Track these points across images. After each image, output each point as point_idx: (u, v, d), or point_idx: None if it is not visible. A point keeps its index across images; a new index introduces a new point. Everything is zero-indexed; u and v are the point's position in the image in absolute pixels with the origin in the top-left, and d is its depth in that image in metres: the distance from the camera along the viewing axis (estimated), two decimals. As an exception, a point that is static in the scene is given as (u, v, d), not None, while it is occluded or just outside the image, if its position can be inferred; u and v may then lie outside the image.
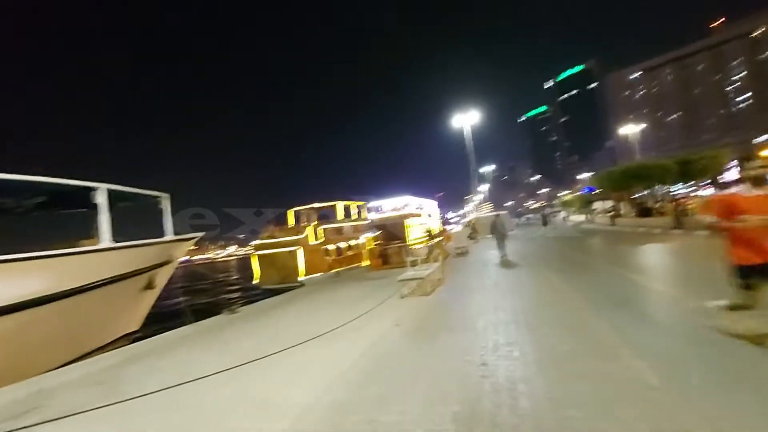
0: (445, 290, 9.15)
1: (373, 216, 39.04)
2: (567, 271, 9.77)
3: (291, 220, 21.96)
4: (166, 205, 12.24)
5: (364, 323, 6.59)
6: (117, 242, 10.81)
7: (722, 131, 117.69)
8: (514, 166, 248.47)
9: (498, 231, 14.71)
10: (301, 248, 17.26)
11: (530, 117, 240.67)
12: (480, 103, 37.55)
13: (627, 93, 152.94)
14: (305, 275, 17.17)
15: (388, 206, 39.71)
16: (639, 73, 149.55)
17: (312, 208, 22.39)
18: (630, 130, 49.04)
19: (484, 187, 78.69)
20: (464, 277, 11.05)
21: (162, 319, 12.72)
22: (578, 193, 79.24)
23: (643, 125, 53.18)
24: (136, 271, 10.86)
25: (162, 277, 12.75)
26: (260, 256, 17.92)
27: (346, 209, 23.20)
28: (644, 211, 19.83)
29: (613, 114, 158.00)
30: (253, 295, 17.83)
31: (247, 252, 17.71)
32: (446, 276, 11.31)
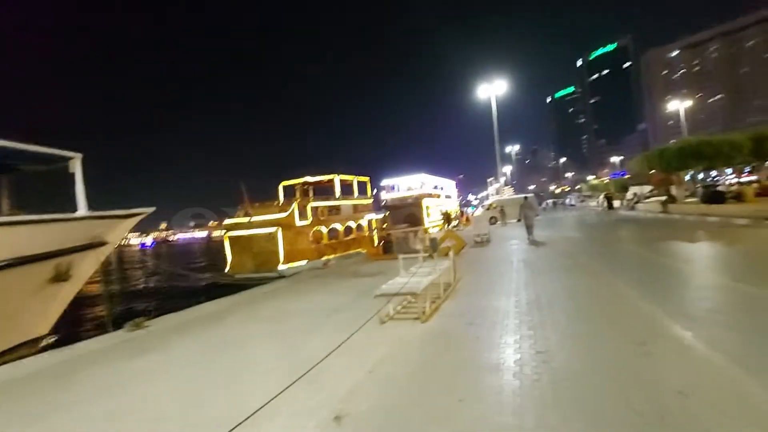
0: (455, 312, 5.72)
1: (385, 195, 35.77)
2: (649, 282, 6.18)
3: (285, 196, 18.75)
4: (77, 169, 9.06)
5: (285, 403, 3.24)
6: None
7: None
8: (537, 149, 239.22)
9: (526, 214, 14.82)
10: (282, 230, 14.04)
11: (557, 98, 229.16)
12: (505, 80, 33.50)
13: (665, 72, 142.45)
14: (287, 263, 14.02)
15: (403, 185, 36.31)
16: (679, 50, 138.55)
17: (305, 182, 19.08)
18: (676, 107, 43.50)
19: (508, 169, 73.76)
20: (485, 284, 7.58)
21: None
22: (608, 178, 73.73)
23: (690, 102, 47.33)
24: (24, 258, 7.83)
25: (84, 265, 9.73)
26: (232, 239, 14.81)
27: (346, 185, 19.75)
28: (714, 197, 15.77)
29: (648, 95, 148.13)
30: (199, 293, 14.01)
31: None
32: (458, 280, 7.88)
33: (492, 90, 34.75)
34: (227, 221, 15.03)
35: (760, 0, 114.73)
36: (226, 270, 14.91)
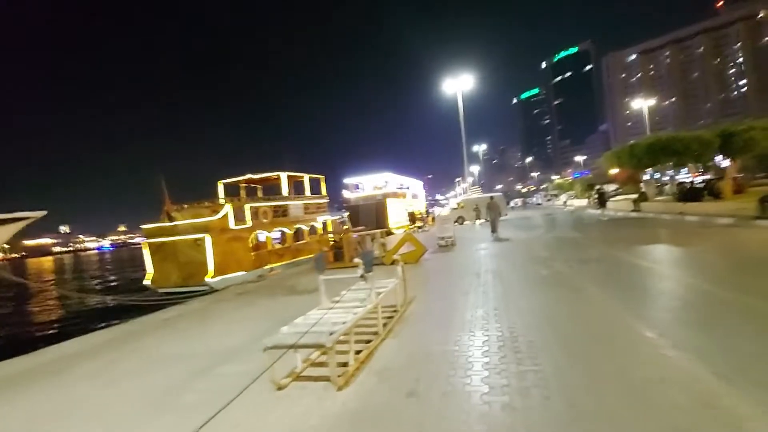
0: (394, 363, 3.87)
1: (349, 195, 33.72)
2: (653, 304, 4.60)
3: (227, 196, 16.39)
4: None
5: None
6: None
7: (718, 117, 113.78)
8: (504, 149, 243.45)
9: (492, 214, 15.61)
10: (213, 235, 11.82)
11: (523, 99, 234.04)
12: (472, 75, 32.14)
13: (623, 75, 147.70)
14: (220, 274, 11.83)
15: (367, 184, 34.36)
16: (636, 54, 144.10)
17: (249, 179, 16.82)
18: (639, 106, 44.19)
19: (476, 168, 73.42)
20: (443, 309, 5.78)
21: None
22: (572, 177, 74.77)
23: (653, 102, 48.14)
24: None
25: None
26: (154, 247, 12.42)
27: (297, 184, 17.65)
28: (690, 194, 14.83)
29: (608, 97, 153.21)
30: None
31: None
32: (410, 302, 6.06)
33: (458, 85, 33.53)
34: (147, 226, 12.60)
35: (708, 10, 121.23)
36: (147, 283, 12.52)
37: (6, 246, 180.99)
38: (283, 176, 16.05)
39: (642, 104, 42.59)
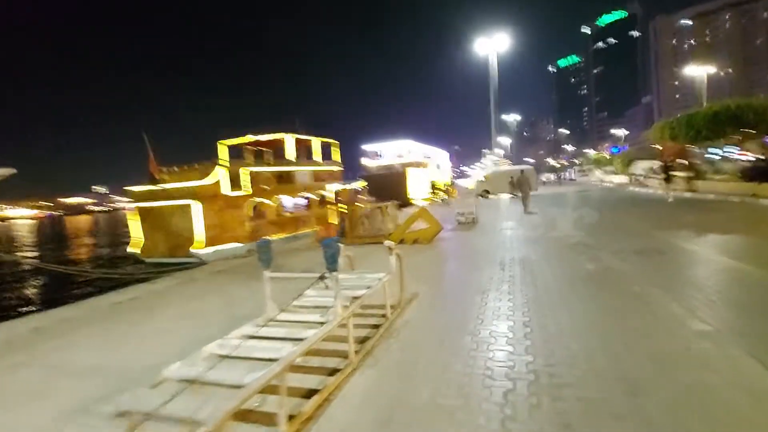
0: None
1: (369, 162, 31.96)
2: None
3: (232, 159, 15.03)
4: None
5: None
6: None
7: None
8: (535, 121, 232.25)
9: (523, 188, 14.59)
10: (203, 202, 10.58)
11: (560, 68, 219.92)
12: (507, 35, 28.83)
13: (674, 42, 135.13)
14: (212, 245, 10.67)
15: (388, 151, 32.30)
16: (691, 18, 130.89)
17: (257, 141, 15.35)
18: (693, 73, 39.74)
19: (506, 140, 69.43)
20: (453, 316, 4.26)
21: None
22: (609, 152, 69.99)
23: (712, 69, 42.79)
24: None
25: None
26: (143, 212, 11.34)
27: (305, 148, 16.06)
28: (762, 173, 12.41)
29: (654, 66, 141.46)
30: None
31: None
32: (408, 302, 4.55)
33: (491, 45, 30.57)
34: (135, 188, 11.45)
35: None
36: (132, 251, 11.55)
37: (50, 204, 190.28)
38: (288, 138, 14.49)
39: (698, 72, 38.12)
